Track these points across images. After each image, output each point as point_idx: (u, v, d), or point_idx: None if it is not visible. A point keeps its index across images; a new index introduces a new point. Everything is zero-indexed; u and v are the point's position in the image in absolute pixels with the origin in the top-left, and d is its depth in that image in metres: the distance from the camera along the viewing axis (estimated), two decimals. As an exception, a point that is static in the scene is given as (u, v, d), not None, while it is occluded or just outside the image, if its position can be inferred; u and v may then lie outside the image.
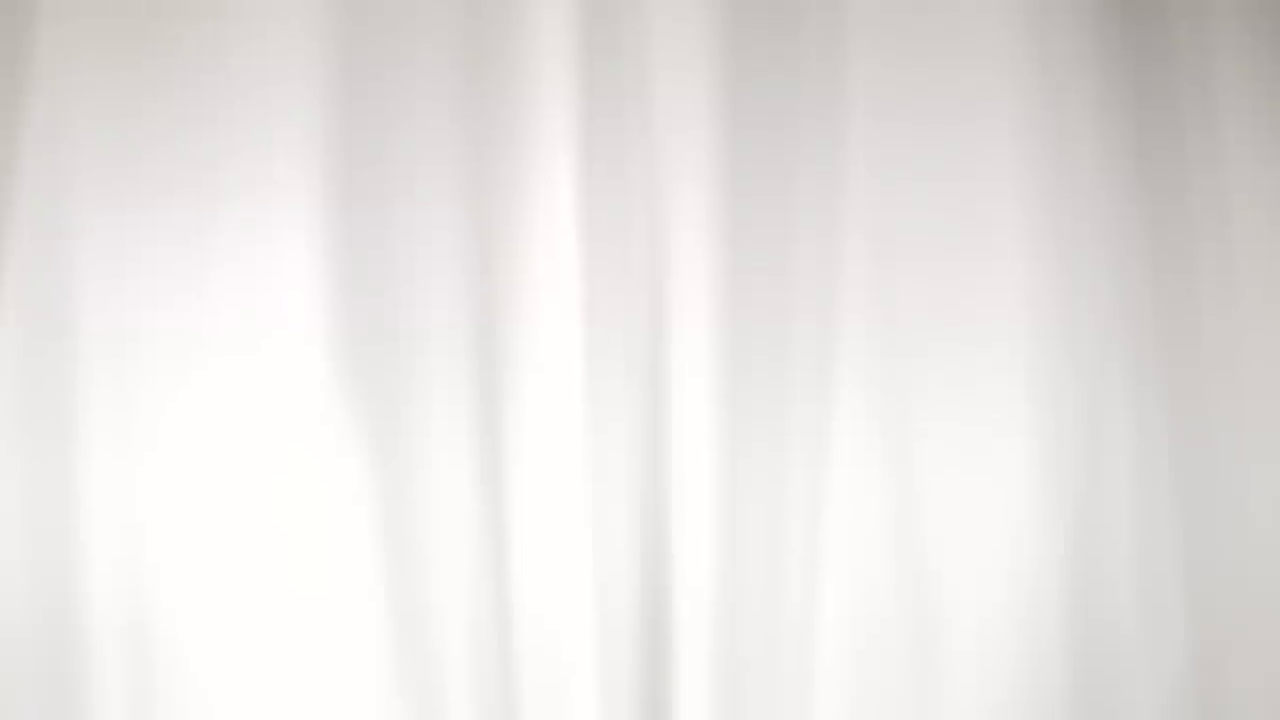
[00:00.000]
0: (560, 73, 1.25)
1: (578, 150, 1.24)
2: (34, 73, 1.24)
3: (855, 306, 1.31)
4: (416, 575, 1.22)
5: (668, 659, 1.27)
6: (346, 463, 1.20)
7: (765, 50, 1.28)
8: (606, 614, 1.24)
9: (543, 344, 1.25)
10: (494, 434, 1.24)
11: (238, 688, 1.19)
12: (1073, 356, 1.36)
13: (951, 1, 1.32)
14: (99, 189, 1.22)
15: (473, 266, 1.25)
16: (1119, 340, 1.38)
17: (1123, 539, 1.40)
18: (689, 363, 1.27)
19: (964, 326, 1.33)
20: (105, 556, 1.18)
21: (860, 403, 1.32)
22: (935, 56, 1.30)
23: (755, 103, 1.27)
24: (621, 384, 1.26)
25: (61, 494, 1.18)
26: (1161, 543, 1.42)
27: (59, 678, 1.17)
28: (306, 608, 1.20)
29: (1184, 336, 1.41)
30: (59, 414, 1.19)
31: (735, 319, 1.29)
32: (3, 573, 1.17)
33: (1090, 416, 1.36)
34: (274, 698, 1.19)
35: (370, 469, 1.20)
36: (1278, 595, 1.42)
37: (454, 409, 1.23)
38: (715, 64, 1.26)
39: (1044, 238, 1.32)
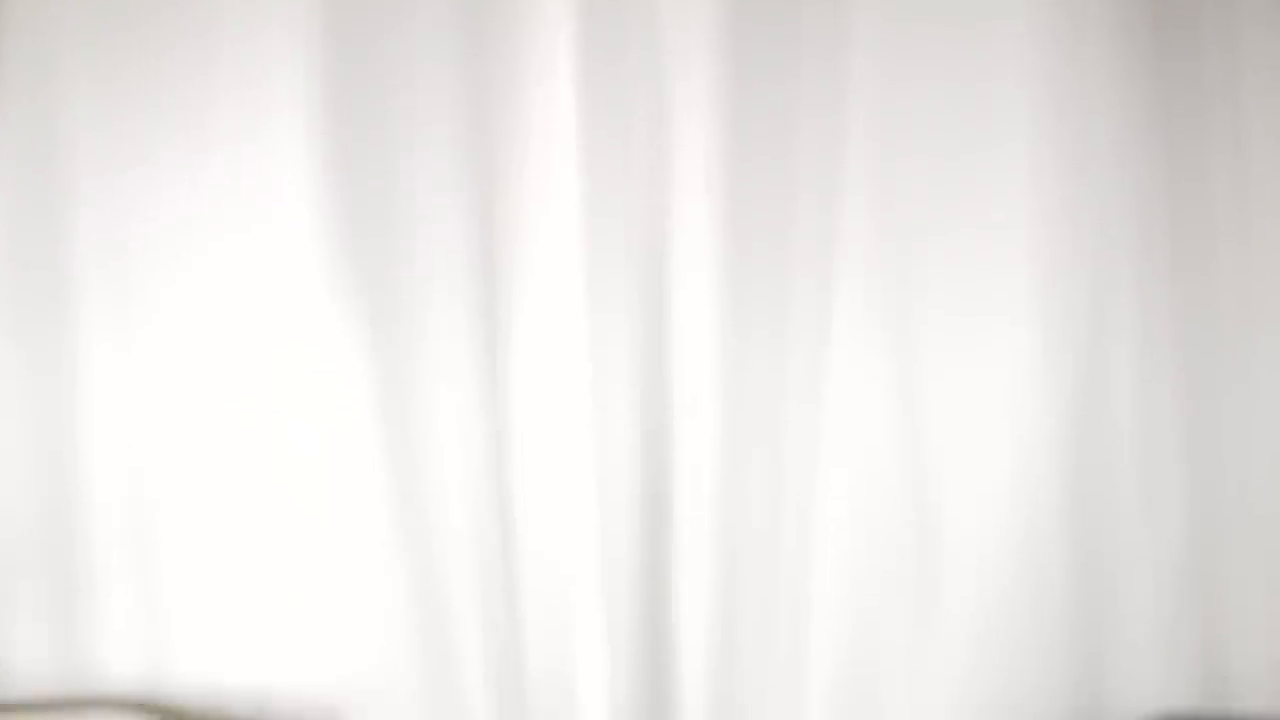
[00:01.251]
0: None
1: (578, 31, 1.22)
2: None
3: (858, 191, 1.30)
4: (417, 458, 1.21)
5: (669, 541, 1.27)
6: (344, 346, 1.19)
7: None
8: (608, 496, 1.24)
9: (543, 227, 1.24)
10: (493, 316, 1.24)
11: (237, 569, 1.19)
12: (1076, 240, 1.35)
13: None
14: (92, 75, 1.20)
15: (471, 150, 1.24)
16: (1124, 223, 1.37)
17: (1124, 422, 1.39)
18: (691, 248, 1.27)
19: (967, 211, 1.32)
20: (104, 436, 1.18)
21: (861, 287, 1.31)
22: None
23: None
24: (622, 267, 1.25)
25: (59, 377, 1.17)
26: (1163, 426, 1.42)
27: (61, 557, 1.17)
28: (304, 491, 1.20)
29: (1190, 218, 1.40)
30: (57, 298, 1.18)
31: (737, 204, 1.28)
32: (4, 453, 1.17)
33: (1093, 300, 1.35)
34: (272, 576, 1.19)
35: (368, 351, 1.19)
36: (1277, 476, 1.42)
37: (453, 293, 1.22)
38: None
39: (1048, 121, 1.31)
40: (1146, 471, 1.42)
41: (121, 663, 1.15)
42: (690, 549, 1.26)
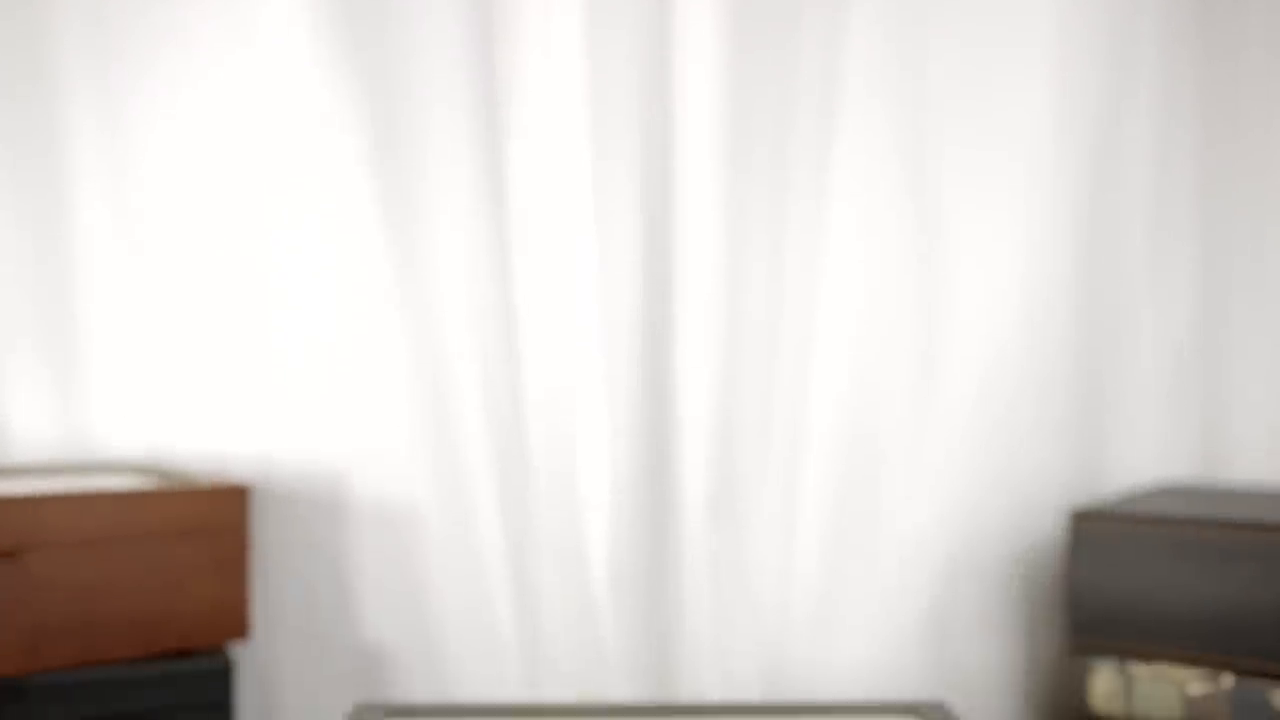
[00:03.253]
0: None
1: None
2: None
3: None
4: (418, 246, 1.21)
5: (671, 318, 1.27)
6: (345, 153, 1.18)
7: None
8: (610, 275, 1.24)
9: (544, 33, 1.22)
10: (495, 123, 1.22)
11: (239, 340, 1.20)
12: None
13: None
14: None
15: None
16: None
17: (1137, 196, 1.38)
18: (695, 47, 1.25)
19: None
20: (101, 214, 1.17)
21: (866, 62, 1.29)
22: None
23: None
24: (625, 66, 1.24)
25: (51, 158, 1.16)
26: (1176, 201, 1.41)
27: (60, 326, 1.17)
28: (307, 272, 1.19)
29: None
30: (51, 107, 1.16)
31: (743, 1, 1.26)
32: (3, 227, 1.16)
33: (1112, 64, 1.33)
34: (274, 348, 1.20)
35: (369, 158, 1.18)
36: None
37: (453, 103, 1.20)
38: None
39: None
40: (1156, 244, 1.41)
41: (123, 429, 1.16)
42: (692, 326, 1.26)
